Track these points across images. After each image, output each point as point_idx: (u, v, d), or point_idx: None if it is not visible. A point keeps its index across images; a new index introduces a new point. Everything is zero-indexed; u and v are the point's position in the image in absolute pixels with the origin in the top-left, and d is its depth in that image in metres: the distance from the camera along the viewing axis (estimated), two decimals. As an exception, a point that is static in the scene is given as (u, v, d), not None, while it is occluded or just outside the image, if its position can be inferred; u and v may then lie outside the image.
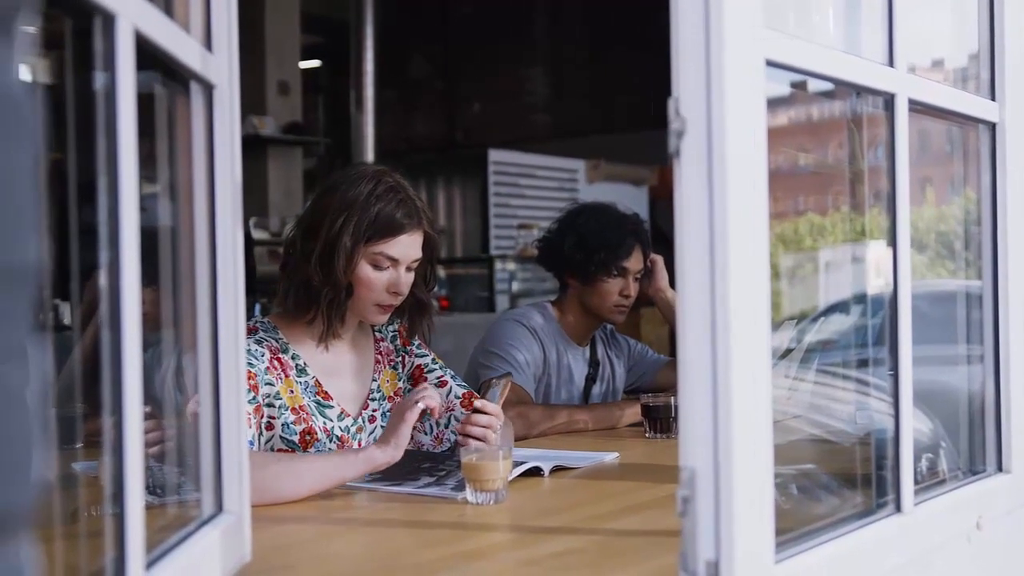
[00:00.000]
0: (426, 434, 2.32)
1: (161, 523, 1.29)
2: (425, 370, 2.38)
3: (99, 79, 1.01)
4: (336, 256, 2.12)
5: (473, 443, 2.07)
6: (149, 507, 1.07)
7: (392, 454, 1.92)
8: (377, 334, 2.38)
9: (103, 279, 1.00)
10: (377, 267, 2.16)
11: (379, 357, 2.35)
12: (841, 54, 1.44)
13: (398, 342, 2.39)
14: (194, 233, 1.34)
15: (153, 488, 1.30)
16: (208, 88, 1.32)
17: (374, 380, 2.32)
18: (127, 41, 1.00)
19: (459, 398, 2.33)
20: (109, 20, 0.98)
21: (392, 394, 2.34)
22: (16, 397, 0.56)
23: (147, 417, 1.06)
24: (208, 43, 1.33)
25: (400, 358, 2.38)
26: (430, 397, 1.98)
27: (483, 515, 1.79)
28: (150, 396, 1.09)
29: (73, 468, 1.86)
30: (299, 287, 2.17)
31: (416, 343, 2.41)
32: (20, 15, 0.59)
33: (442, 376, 2.38)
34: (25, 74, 0.60)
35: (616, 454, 2.34)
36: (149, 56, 1.10)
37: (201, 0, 1.33)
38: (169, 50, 1.15)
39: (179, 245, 1.35)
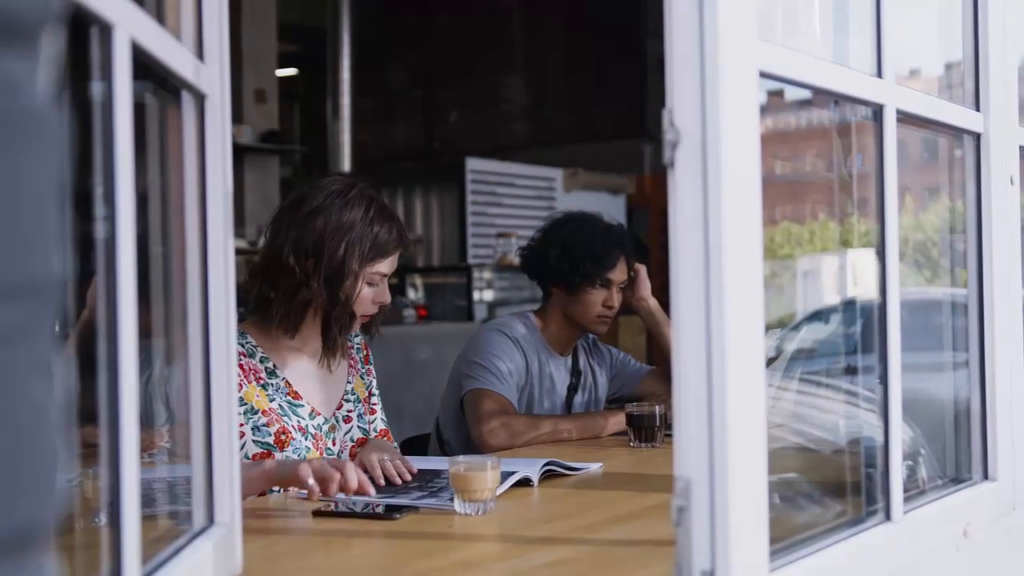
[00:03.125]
0: None
1: (152, 535, 1.28)
2: (371, 393, 2.47)
3: (95, 88, 1.00)
4: (344, 280, 2.20)
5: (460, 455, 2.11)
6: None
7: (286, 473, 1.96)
8: (347, 340, 2.44)
9: (100, 290, 0.99)
10: (370, 284, 2.26)
11: (352, 362, 2.42)
12: (831, 65, 1.45)
13: (361, 355, 2.47)
14: (185, 242, 1.33)
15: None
16: (200, 98, 1.32)
17: (348, 382, 2.39)
18: (124, 51, 0.99)
19: (377, 432, 2.41)
20: (106, 30, 0.97)
21: (363, 399, 2.42)
22: (42, 412, 0.56)
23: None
24: (200, 53, 1.32)
25: (365, 369, 2.47)
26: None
27: (471, 526, 1.79)
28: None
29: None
30: (299, 307, 2.22)
31: (371, 364, 2.50)
32: (45, 30, 0.59)
33: (376, 405, 2.47)
34: (50, 87, 0.60)
35: (600, 464, 2.34)
36: (141, 65, 1.10)
37: (192, 10, 1.32)
38: (164, 60, 1.14)
39: (169, 254, 1.34)
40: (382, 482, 2.07)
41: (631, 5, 8.76)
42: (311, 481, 1.87)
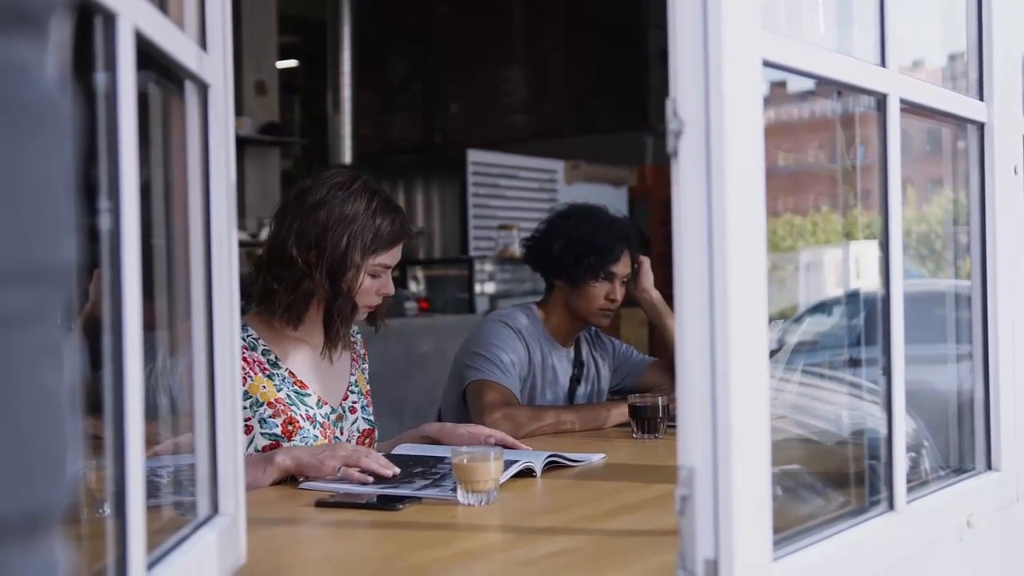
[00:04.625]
0: None
1: (156, 525, 1.28)
2: (367, 384, 2.49)
3: (99, 78, 1.00)
4: (346, 272, 2.22)
5: (464, 446, 2.13)
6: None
7: (288, 464, 2.03)
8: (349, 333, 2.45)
9: (104, 281, 0.99)
10: (373, 276, 2.27)
11: (354, 355, 2.44)
12: (835, 54, 1.45)
13: (361, 352, 2.50)
14: (188, 233, 1.33)
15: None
16: (203, 88, 1.32)
17: (352, 375, 2.41)
18: (128, 40, 0.99)
19: (359, 432, 2.40)
20: (110, 19, 0.97)
21: (364, 392, 2.44)
22: (53, 396, 0.56)
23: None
24: (203, 43, 1.32)
25: (365, 366, 2.50)
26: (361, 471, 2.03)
27: (475, 516, 1.79)
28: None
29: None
30: (302, 299, 2.24)
31: (367, 363, 2.53)
32: (54, 16, 0.59)
33: (368, 403, 2.48)
34: (60, 73, 0.60)
35: (603, 455, 2.34)
36: (145, 55, 1.09)
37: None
38: (167, 50, 1.14)
39: (172, 245, 1.34)
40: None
41: (632, -3, 8.75)
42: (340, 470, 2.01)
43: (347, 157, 8.89)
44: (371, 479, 1.99)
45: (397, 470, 2.03)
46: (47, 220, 0.57)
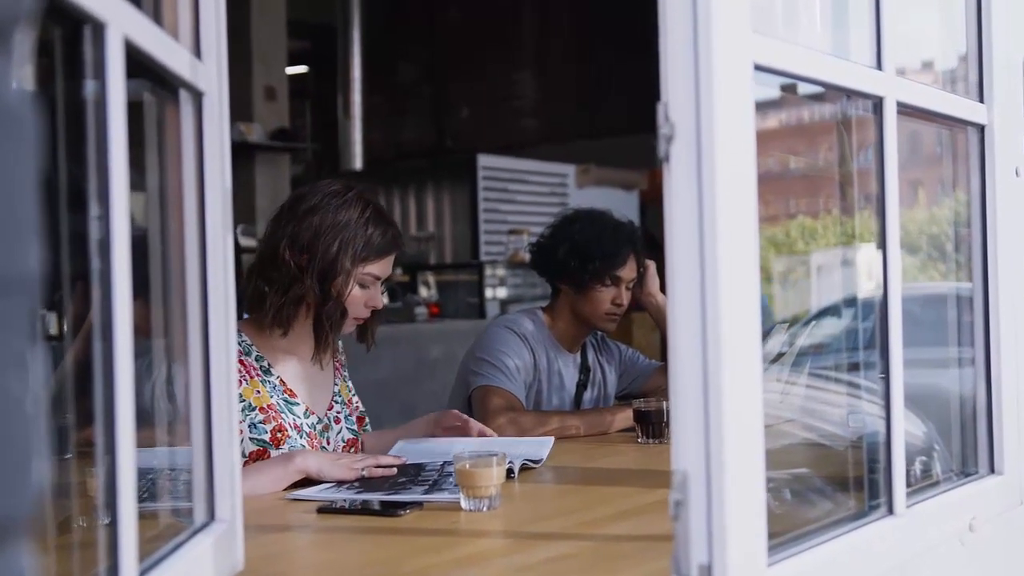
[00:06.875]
0: None
1: (152, 532, 1.29)
2: (351, 399, 2.50)
3: (88, 87, 1.01)
4: (336, 277, 2.24)
5: (466, 451, 2.13)
6: (140, 515, 1.07)
7: (310, 466, 2.08)
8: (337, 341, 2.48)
9: (95, 289, 0.99)
10: (362, 286, 2.29)
11: (337, 365, 2.47)
12: (829, 57, 1.44)
13: (342, 359, 2.51)
14: (184, 242, 1.34)
15: (142, 495, 1.29)
16: (197, 96, 1.32)
17: (335, 384, 2.44)
18: (117, 50, 1.00)
19: (344, 441, 2.42)
20: (99, 29, 0.98)
21: (347, 401, 2.46)
22: (17, 404, 0.56)
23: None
24: (197, 51, 1.32)
25: (347, 372, 2.51)
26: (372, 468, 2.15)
27: (476, 521, 1.79)
28: (140, 406, 1.09)
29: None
30: (292, 302, 2.25)
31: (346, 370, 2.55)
32: (19, 25, 0.60)
33: (351, 412, 2.48)
34: (24, 84, 0.60)
35: (551, 440, 2.38)
36: (137, 64, 1.10)
37: (190, 8, 1.33)
38: (158, 58, 1.15)
39: (168, 254, 1.35)
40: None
41: None
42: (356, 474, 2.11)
43: (358, 162, 8.90)
44: (394, 471, 2.13)
45: (405, 459, 2.19)
46: (12, 230, 0.57)
